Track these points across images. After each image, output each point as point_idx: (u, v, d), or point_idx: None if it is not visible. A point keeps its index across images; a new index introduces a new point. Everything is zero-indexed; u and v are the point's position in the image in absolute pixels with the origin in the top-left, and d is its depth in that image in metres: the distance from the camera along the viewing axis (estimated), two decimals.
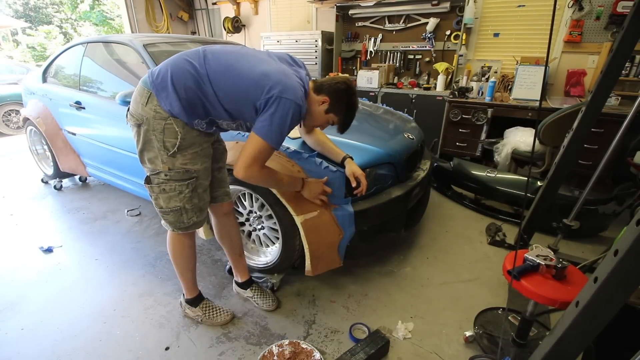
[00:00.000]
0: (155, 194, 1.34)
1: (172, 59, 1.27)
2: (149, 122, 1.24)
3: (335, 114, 1.35)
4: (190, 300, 1.65)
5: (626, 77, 3.07)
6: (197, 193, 1.37)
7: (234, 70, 1.22)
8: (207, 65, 1.22)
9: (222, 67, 1.23)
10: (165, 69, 1.23)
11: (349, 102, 1.34)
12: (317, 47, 4.41)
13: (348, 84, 1.34)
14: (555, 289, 1.19)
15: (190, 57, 1.25)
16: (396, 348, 1.54)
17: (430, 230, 2.52)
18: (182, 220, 1.38)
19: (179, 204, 1.34)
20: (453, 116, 3.43)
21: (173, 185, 1.30)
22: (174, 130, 1.25)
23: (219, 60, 1.25)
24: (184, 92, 1.21)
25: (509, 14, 3.57)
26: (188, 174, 1.31)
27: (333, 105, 1.33)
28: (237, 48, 1.35)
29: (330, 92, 1.32)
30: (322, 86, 1.33)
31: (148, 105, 1.24)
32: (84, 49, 2.64)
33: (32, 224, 2.62)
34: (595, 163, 1.76)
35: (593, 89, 1.61)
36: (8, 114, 5.44)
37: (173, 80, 1.20)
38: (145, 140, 1.27)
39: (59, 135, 2.86)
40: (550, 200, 1.97)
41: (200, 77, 1.21)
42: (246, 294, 1.78)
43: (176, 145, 1.26)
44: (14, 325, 1.66)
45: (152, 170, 1.31)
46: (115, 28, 13.72)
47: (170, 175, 1.29)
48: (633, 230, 0.67)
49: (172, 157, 1.27)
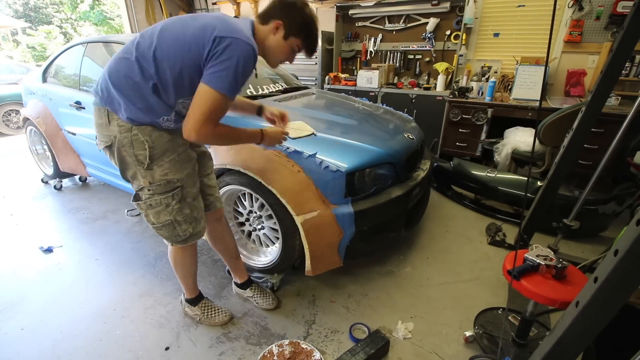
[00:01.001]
0: (144, 210, 1.29)
1: (104, 69, 1.19)
2: (117, 139, 1.19)
3: (295, 36, 1.18)
4: (190, 300, 1.66)
5: (626, 77, 3.07)
6: (187, 202, 1.31)
7: (170, 33, 1.11)
8: (138, 47, 1.12)
9: (156, 38, 1.11)
10: (103, 80, 1.17)
11: (304, 16, 1.17)
12: (317, 47, 4.41)
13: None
14: (555, 289, 1.19)
15: (120, 52, 1.17)
16: (396, 348, 1.54)
17: (430, 230, 2.52)
18: (176, 233, 1.33)
19: (169, 218, 1.29)
20: (453, 116, 3.43)
21: (158, 199, 1.25)
22: (140, 141, 1.19)
23: (152, 35, 1.13)
24: (131, 90, 1.12)
25: (509, 14, 3.56)
26: (171, 184, 1.25)
27: (288, 26, 1.16)
28: (169, 19, 1.22)
29: (278, 14, 1.16)
30: (267, 12, 1.18)
31: (111, 123, 1.19)
32: (84, 49, 2.65)
33: (32, 224, 2.62)
34: (595, 163, 1.75)
35: (593, 89, 1.61)
36: (8, 114, 5.44)
37: (115, 85, 1.13)
38: (119, 159, 1.23)
39: (59, 135, 2.86)
40: (550, 200, 1.97)
41: (137, 62, 1.11)
42: (246, 294, 1.78)
43: (147, 156, 1.20)
44: (14, 325, 1.66)
45: (137, 187, 1.27)
46: (115, 28, 13.71)
47: (153, 189, 1.24)
48: (633, 230, 0.67)
49: (150, 169, 1.22)
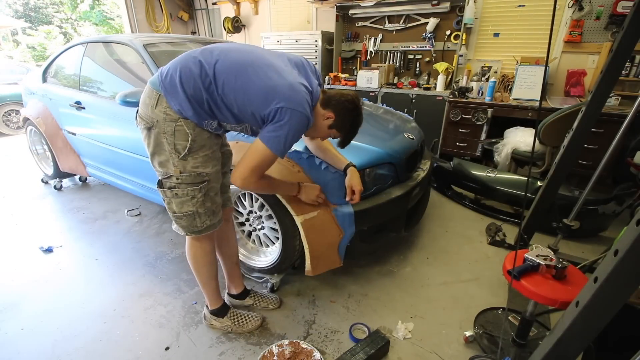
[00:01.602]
0: (168, 198, 1.31)
1: (180, 58, 1.24)
2: (159, 124, 1.22)
3: (338, 130, 1.34)
4: (216, 311, 1.60)
5: (626, 77, 3.07)
6: (210, 197, 1.34)
7: (243, 78, 1.19)
8: (216, 66, 1.19)
9: (232, 71, 1.19)
10: (174, 68, 1.21)
11: (354, 122, 1.33)
12: (317, 47, 4.41)
13: (356, 104, 1.31)
14: (555, 289, 1.19)
15: (199, 55, 1.22)
16: (396, 348, 1.54)
17: (430, 230, 2.52)
18: (195, 224, 1.35)
19: (191, 209, 1.31)
20: (453, 116, 3.43)
21: (185, 190, 1.28)
22: (184, 132, 1.22)
23: (230, 62, 1.21)
24: (192, 91, 1.19)
25: (509, 14, 3.57)
26: (200, 177, 1.28)
27: (337, 122, 1.31)
28: (251, 49, 1.31)
29: (336, 109, 1.29)
30: (330, 101, 1.30)
31: (158, 107, 1.21)
32: (84, 49, 2.65)
33: (32, 224, 2.62)
34: (595, 163, 1.76)
35: (593, 89, 1.61)
36: (8, 114, 5.44)
37: (182, 80, 1.18)
38: (156, 143, 1.25)
39: (59, 135, 2.86)
40: (550, 200, 1.97)
41: (207, 77, 1.19)
42: (246, 303, 1.75)
43: (187, 147, 1.23)
44: (14, 325, 1.66)
45: (163, 174, 1.28)
46: (115, 28, 13.72)
47: (182, 179, 1.27)
48: (633, 230, 0.67)
49: (184, 160, 1.25)
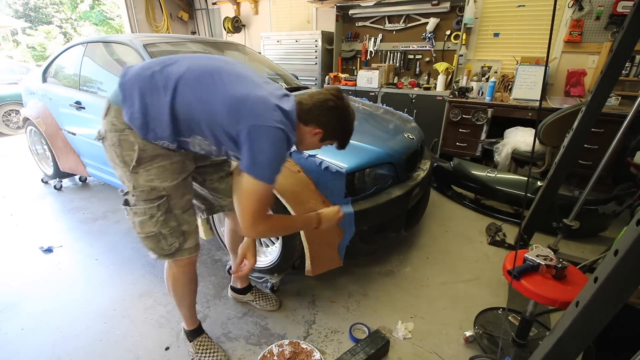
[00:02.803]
0: (130, 217, 1.19)
1: (143, 64, 1.12)
2: (107, 135, 1.13)
3: (331, 140, 1.19)
4: (188, 333, 1.51)
5: (626, 77, 3.07)
6: (174, 215, 1.20)
7: (206, 84, 1.05)
8: (178, 72, 1.06)
9: (195, 76, 1.06)
10: (134, 74, 1.10)
11: (344, 125, 1.16)
12: (317, 47, 4.41)
13: (338, 104, 1.11)
14: (555, 289, 1.19)
15: (162, 61, 1.11)
16: (396, 348, 1.54)
17: (430, 230, 2.52)
18: (161, 246, 1.21)
19: (153, 229, 1.17)
20: (453, 116, 3.43)
21: (142, 208, 1.15)
22: (129, 142, 1.10)
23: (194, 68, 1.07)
24: (142, 101, 1.05)
25: (509, 14, 3.57)
26: (155, 192, 1.14)
27: (328, 134, 1.15)
28: (222, 58, 1.19)
29: (320, 122, 1.12)
30: (309, 114, 1.11)
31: (106, 117, 1.12)
32: (84, 49, 2.64)
33: (32, 224, 2.62)
34: (595, 163, 1.76)
35: (593, 89, 1.61)
36: (8, 114, 5.44)
37: (133, 86, 1.07)
38: (110, 156, 1.16)
39: (59, 135, 2.86)
40: (550, 200, 1.97)
41: (166, 83, 1.05)
42: (246, 299, 1.76)
43: (134, 158, 1.10)
44: (14, 325, 1.66)
45: (124, 190, 1.19)
46: (115, 28, 13.72)
47: (136, 195, 1.14)
48: (633, 230, 0.67)
49: (135, 173, 1.12)
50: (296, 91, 2.67)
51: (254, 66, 2.98)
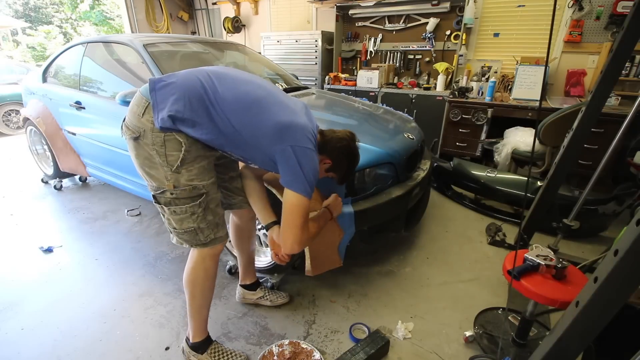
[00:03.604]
0: (166, 215, 1.23)
1: (182, 73, 1.18)
2: (147, 134, 1.12)
3: (335, 173, 1.33)
4: (197, 345, 1.41)
5: (626, 77, 3.07)
6: (210, 209, 1.26)
7: (256, 110, 1.14)
8: (224, 94, 1.13)
9: (246, 103, 1.14)
10: (176, 86, 1.13)
11: (350, 164, 1.32)
12: (317, 47, 4.41)
13: (352, 147, 1.29)
14: (555, 289, 1.19)
15: (206, 79, 1.16)
16: (396, 348, 1.54)
17: (430, 230, 2.52)
18: (198, 238, 1.26)
19: (192, 225, 1.23)
20: (453, 116, 3.43)
21: (183, 207, 1.19)
22: (176, 142, 1.13)
23: (241, 93, 1.16)
24: (190, 111, 1.11)
25: (509, 14, 3.57)
26: (196, 190, 1.19)
27: (334, 166, 1.30)
28: (261, 82, 1.27)
29: (332, 155, 1.27)
30: (326, 146, 1.26)
31: (145, 115, 1.12)
32: (84, 49, 2.65)
33: (32, 224, 2.62)
34: (595, 163, 1.76)
35: (593, 89, 1.61)
36: (8, 114, 5.44)
37: (180, 95, 1.11)
38: (144, 155, 1.16)
39: (59, 135, 2.86)
40: (550, 200, 1.97)
41: (209, 101, 1.11)
42: (257, 295, 1.75)
43: (180, 158, 1.14)
44: (14, 325, 1.66)
45: (156, 189, 1.19)
46: (115, 28, 13.71)
47: (176, 193, 1.17)
48: (633, 230, 0.67)
49: (177, 172, 1.15)
50: (296, 91, 2.67)
51: (254, 66, 2.98)
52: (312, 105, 2.45)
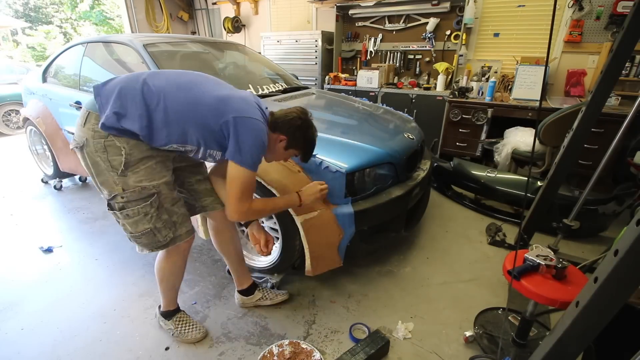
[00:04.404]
0: (121, 220, 1.24)
1: (122, 77, 1.22)
2: (89, 142, 1.16)
3: (295, 149, 1.33)
4: (165, 313, 1.57)
5: (626, 77, 3.07)
6: (165, 208, 1.26)
7: (194, 91, 1.18)
8: (161, 84, 1.17)
9: (182, 86, 1.19)
10: (114, 85, 1.17)
11: (306, 136, 1.31)
12: (317, 47, 4.41)
13: (303, 118, 1.30)
14: (555, 289, 1.19)
15: (143, 75, 1.20)
16: (396, 348, 1.54)
17: (430, 230, 2.52)
18: (157, 240, 1.28)
19: (148, 226, 1.23)
20: (453, 116, 3.43)
21: (135, 209, 1.20)
22: (115, 147, 1.16)
23: (178, 80, 1.21)
24: (130, 104, 1.14)
25: (509, 14, 3.57)
26: (146, 191, 1.20)
27: (291, 142, 1.30)
28: (198, 72, 1.32)
29: (285, 130, 1.28)
30: (277, 124, 1.28)
31: (86, 124, 1.17)
32: (84, 49, 2.65)
33: (32, 224, 2.62)
34: (595, 163, 1.76)
35: (593, 89, 1.61)
36: (8, 114, 5.44)
37: (120, 94, 1.14)
38: (92, 163, 1.19)
39: (59, 135, 2.86)
40: (550, 200, 1.97)
41: (151, 92, 1.15)
42: (255, 298, 1.74)
43: (122, 162, 1.16)
44: (14, 325, 1.66)
45: (108, 195, 1.21)
46: (115, 28, 13.71)
47: (126, 196, 1.19)
48: (633, 230, 0.67)
49: (123, 176, 1.18)
50: (296, 91, 2.67)
51: (254, 66, 2.98)
52: (312, 105, 2.45)
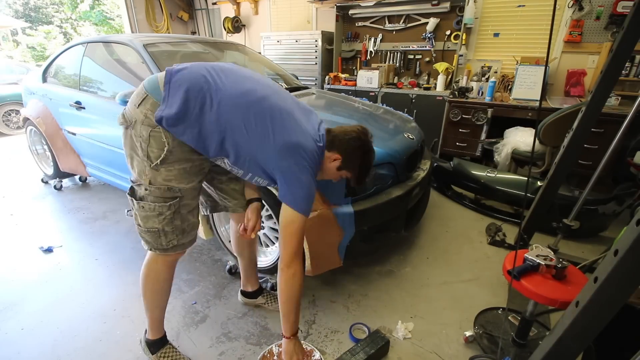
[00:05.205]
0: (134, 209, 1.20)
1: (192, 67, 1.15)
2: (136, 125, 1.12)
3: (348, 171, 1.26)
4: (150, 343, 1.42)
5: (626, 77, 3.07)
6: (180, 214, 1.21)
7: (264, 123, 1.12)
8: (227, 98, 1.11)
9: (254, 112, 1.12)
10: (184, 78, 1.12)
11: (363, 160, 1.25)
12: (317, 47, 4.41)
13: (362, 140, 1.23)
14: (555, 289, 1.19)
15: (207, 68, 1.15)
16: (396, 348, 1.54)
17: (430, 230, 2.52)
18: (160, 242, 1.22)
19: (156, 226, 1.19)
20: (453, 116, 3.43)
21: (152, 204, 1.16)
22: (160, 140, 1.11)
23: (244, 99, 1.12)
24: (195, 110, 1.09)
25: (509, 14, 3.57)
26: (170, 192, 1.16)
27: (345, 163, 1.23)
28: (267, 83, 1.24)
29: (341, 150, 1.21)
30: (334, 142, 1.22)
31: (141, 106, 1.12)
32: (84, 49, 2.64)
33: (32, 224, 2.62)
34: (595, 163, 1.75)
35: (593, 89, 1.61)
36: (8, 114, 5.44)
37: (188, 94, 1.09)
38: (131, 145, 1.16)
39: (59, 135, 2.86)
40: (550, 200, 1.97)
41: (211, 97, 1.09)
42: (258, 301, 1.74)
43: (160, 157, 1.12)
44: (14, 325, 1.66)
45: (135, 180, 1.18)
46: (115, 28, 13.71)
47: (150, 190, 1.14)
48: (633, 230, 0.67)
49: (155, 169, 1.13)
50: (296, 91, 2.67)
51: (254, 66, 2.98)
52: (312, 105, 2.44)
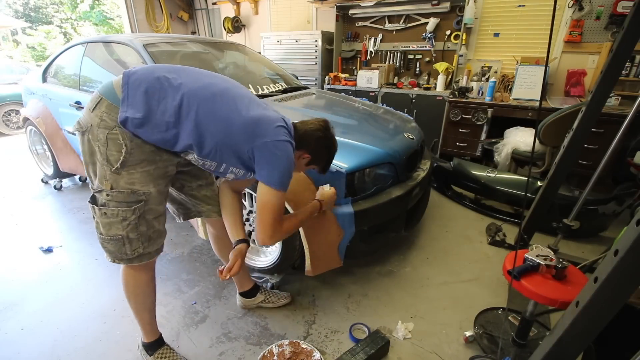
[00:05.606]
0: (96, 217, 1.15)
1: (148, 68, 1.14)
2: (93, 130, 1.09)
3: (316, 165, 1.32)
4: (147, 345, 1.42)
5: (626, 77, 3.07)
6: (146, 220, 1.17)
7: (225, 106, 1.11)
8: (188, 89, 1.09)
9: (210, 97, 1.11)
10: (139, 79, 1.10)
11: (329, 152, 1.31)
12: (317, 47, 4.41)
13: (328, 137, 1.27)
14: (555, 289, 1.19)
15: (168, 73, 1.12)
16: (396, 348, 1.54)
17: (430, 230, 2.52)
18: (123, 251, 1.18)
19: (120, 233, 1.14)
20: (453, 116, 3.43)
21: (115, 210, 1.11)
22: (118, 142, 1.08)
23: (206, 89, 1.12)
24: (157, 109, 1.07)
25: (509, 14, 3.57)
26: (134, 195, 1.12)
27: (314, 159, 1.29)
28: (223, 77, 1.24)
29: (309, 148, 1.25)
30: (302, 141, 1.23)
31: (95, 110, 1.09)
32: (84, 49, 2.65)
33: (32, 224, 2.62)
34: (595, 163, 1.76)
35: (593, 89, 1.61)
36: (8, 114, 5.44)
37: (148, 92, 1.07)
38: (90, 150, 1.11)
39: (59, 135, 2.86)
40: (550, 200, 1.97)
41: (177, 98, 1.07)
42: (257, 301, 1.73)
43: (120, 160, 1.08)
44: (14, 325, 1.66)
45: (96, 187, 1.13)
46: (115, 28, 13.72)
47: (112, 195, 1.10)
48: (633, 230, 0.67)
49: (116, 173, 1.09)
50: (296, 91, 2.67)
51: (254, 66, 2.98)
52: (312, 105, 2.45)
